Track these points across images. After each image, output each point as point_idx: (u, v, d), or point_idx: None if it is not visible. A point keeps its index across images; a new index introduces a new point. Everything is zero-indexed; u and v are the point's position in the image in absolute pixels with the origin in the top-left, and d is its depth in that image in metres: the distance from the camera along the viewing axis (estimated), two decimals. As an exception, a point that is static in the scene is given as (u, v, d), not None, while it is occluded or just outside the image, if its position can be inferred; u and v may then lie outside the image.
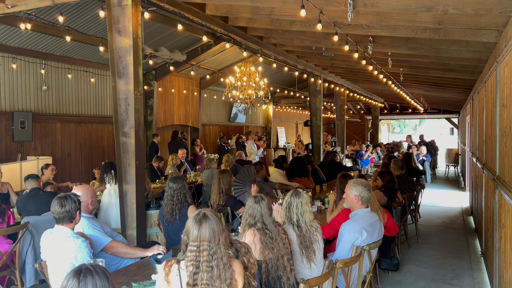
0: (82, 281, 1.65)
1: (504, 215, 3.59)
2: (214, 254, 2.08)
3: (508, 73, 3.39)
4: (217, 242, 2.09)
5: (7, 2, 4.89)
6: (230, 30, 6.09)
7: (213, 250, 2.08)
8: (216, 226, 2.10)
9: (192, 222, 2.12)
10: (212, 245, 2.08)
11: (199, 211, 2.17)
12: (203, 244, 2.07)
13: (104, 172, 5.75)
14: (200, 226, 2.09)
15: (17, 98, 8.39)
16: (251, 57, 10.45)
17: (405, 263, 5.48)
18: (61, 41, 8.19)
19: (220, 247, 2.10)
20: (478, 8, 3.51)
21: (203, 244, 2.07)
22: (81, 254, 2.82)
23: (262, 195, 3.02)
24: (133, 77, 4.29)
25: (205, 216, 2.12)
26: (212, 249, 2.08)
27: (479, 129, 6.24)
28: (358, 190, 3.61)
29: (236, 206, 4.76)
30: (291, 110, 22.40)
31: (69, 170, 9.50)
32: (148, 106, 10.94)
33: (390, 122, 32.50)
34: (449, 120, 21.12)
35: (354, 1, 3.97)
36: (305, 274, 3.10)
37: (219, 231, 2.11)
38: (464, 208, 9.17)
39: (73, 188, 5.70)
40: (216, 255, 2.08)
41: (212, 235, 2.08)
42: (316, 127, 10.94)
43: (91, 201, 3.51)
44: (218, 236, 2.10)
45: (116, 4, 4.30)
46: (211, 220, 2.11)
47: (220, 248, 2.10)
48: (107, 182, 5.61)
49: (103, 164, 5.99)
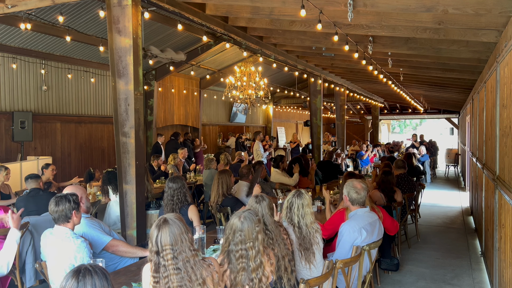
0: (81, 281, 1.65)
1: (504, 215, 3.59)
2: (179, 256, 2.12)
3: (508, 73, 3.39)
4: (179, 244, 2.13)
5: (7, 2, 4.89)
6: (230, 30, 6.09)
7: (177, 253, 2.11)
8: (176, 230, 2.14)
9: (153, 228, 2.16)
10: (175, 248, 2.12)
11: (161, 217, 2.21)
12: (166, 248, 2.11)
13: (105, 184, 5.58)
14: (159, 231, 2.13)
15: (17, 98, 8.39)
16: (251, 57, 10.45)
17: (405, 263, 5.48)
18: (61, 41, 8.19)
19: (184, 249, 2.13)
20: (478, 8, 3.51)
21: (166, 248, 2.11)
22: (80, 254, 2.82)
23: (263, 195, 3.01)
24: (133, 77, 4.29)
25: (165, 221, 2.16)
26: (175, 252, 2.11)
27: (479, 129, 6.23)
28: (346, 190, 3.69)
29: (236, 206, 4.76)
30: (291, 110, 22.39)
31: (69, 170, 9.50)
32: (148, 106, 10.94)
33: (390, 122, 32.50)
34: (449, 120, 21.12)
35: (354, 1, 3.97)
36: (305, 274, 3.10)
37: (180, 233, 2.14)
38: (464, 208, 9.17)
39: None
40: (180, 256, 2.12)
41: (174, 239, 2.12)
42: (316, 127, 10.93)
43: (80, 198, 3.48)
44: (181, 238, 2.14)
45: (116, 4, 4.30)
46: (171, 224, 2.15)
47: (184, 250, 2.13)
48: (111, 194, 5.46)
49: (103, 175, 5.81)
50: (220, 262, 2.43)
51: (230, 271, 2.39)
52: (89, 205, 3.61)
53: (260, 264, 2.39)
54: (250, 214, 2.46)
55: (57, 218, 2.93)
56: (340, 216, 3.90)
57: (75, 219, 2.99)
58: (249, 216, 2.44)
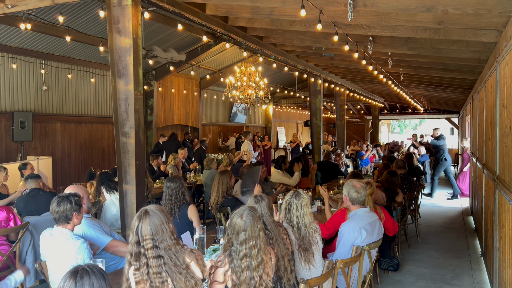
0: (79, 281, 1.66)
1: (504, 215, 3.59)
2: (160, 244, 2.18)
3: (508, 73, 3.39)
4: (160, 234, 2.19)
5: (7, 2, 4.89)
6: (230, 30, 6.09)
7: (158, 242, 2.18)
8: (157, 220, 2.20)
9: (135, 219, 2.22)
10: (156, 238, 2.18)
11: (142, 208, 2.27)
12: (146, 238, 2.17)
13: (98, 185, 5.54)
14: (140, 222, 2.19)
15: (17, 98, 8.39)
16: (251, 57, 10.45)
17: (405, 263, 5.48)
18: (61, 41, 8.19)
19: (165, 238, 2.20)
20: (478, 8, 3.51)
21: (146, 238, 2.17)
22: (81, 256, 2.82)
23: (262, 195, 3.01)
24: (133, 77, 4.29)
25: (146, 213, 2.22)
26: (156, 241, 2.17)
27: (479, 129, 6.23)
28: (346, 190, 3.69)
29: (236, 206, 4.74)
30: (291, 110, 22.39)
31: (69, 170, 9.50)
32: (148, 106, 10.94)
33: (390, 122, 32.50)
34: (449, 120, 21.12)
35: (354, 1, 3.97)
36: (304, 275, 3.10)
37: (161, 224, 2.21)
38: (464, 208, 9.17)
39: None
40: (162, 245, 2.18)
41: (154, 229, 2.19)
42: (316, 127, 10.93)
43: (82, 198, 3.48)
44: (161, 228, 2.21)
45: (116, 4, 4.30)
46: (152, 215, 2.21)
47: (165, 239, 2.20)
48: (106, 193, 5.42)
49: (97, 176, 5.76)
50: (221, 260, 2.42)
51: (232, 270, 2.38)
52: (90, 205, 3.62)
53: (261, 262, 2.39)
54: (251, 211, 2.46)
55: (57, 218, 2.93)
56: (341, 216, 3.90)
57: (75, 220, 2.99)
58: (250, 214, 2.45)
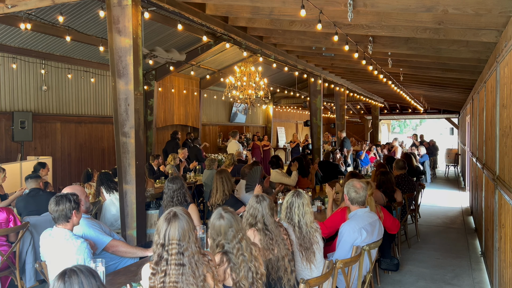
0: (67, 281, 1.67)
1: (504, 215, 3.59)
2: (185, 251, 2.12)
3: (508, 73, 3.39)
4: (187, 240, 2.14)
5: (7, 2, 4.89)
6: (230, 30, 6.09)
7: (183, 248, 2.12)
8: (185, 225, 2.15)
9: (162, 221, 2.16)
10: (182, 244, 2.12)
11: (170, 210, 2.21)
12: (173, 243, 2.11)
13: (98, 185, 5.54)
14: (169, 225, 2.14)
15: (17, 98, 8.39)
16: (251, 57, 10.45)
17: (405, 263, 5.48)
18: (61, 41, 8.19)
19: (190, 245, 2.14)
20: (478, 8, 3.51)
21: (172, 243, 2.11)
22: (81, 256, 2.82)
23: (264, 195, 3.01)
24: (133, 77, 4.29)
25: (175, 215, 2.17)
26: (182, 247, 2.12)
27: (479, 129, 6.24)
28: (346, 190, 3.70)
29: (236, 205, 4.76)
30: (291, 110, 22.39)
31: (69, 170, 9.50)
32: (148, 106, 10.94)
33: (390, 122, 32.48)
34: (449, 120, 21.11)
35: (354, 1, 3.97)
36: (305, 275, 3.10)
37: (189, 229, 2.15)
38: (464, 208, 9.17)
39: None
40: (186, 252, 2.12)
41: (182, 234, 2.13)
42: (316, 127, 10.93)
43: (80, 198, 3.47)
44: (188, 234, 2.15)
45: (116, 4, 4.30)
46: (181, 219, 2.16)
47: (190, 246, 2.14)
48: (105, 193, 5.43)
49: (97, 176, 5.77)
50: (219, 262, 2.43)
51: (231, 269, 2.39)
52: (89, 205, 3.61)
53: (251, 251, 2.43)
54: (223, 209, 2.50)
55: (57, 217, 2.92)
56: (341, 215, 3.90)
57: (74, 219, 2.99)
58: (225, 211, 2.48)
